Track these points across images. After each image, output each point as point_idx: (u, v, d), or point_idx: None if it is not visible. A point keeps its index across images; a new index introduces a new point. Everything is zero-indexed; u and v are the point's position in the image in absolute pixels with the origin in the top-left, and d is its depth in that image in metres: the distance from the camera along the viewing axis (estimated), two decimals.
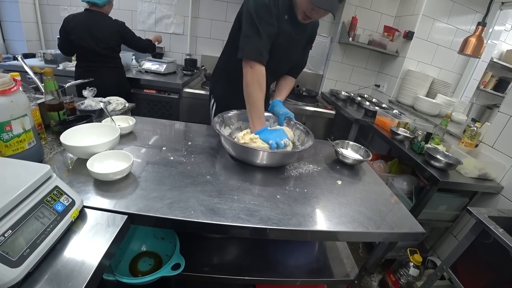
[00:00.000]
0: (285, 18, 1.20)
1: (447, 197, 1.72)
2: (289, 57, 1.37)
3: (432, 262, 1.93)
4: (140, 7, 3.00)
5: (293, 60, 1.41)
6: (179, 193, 0.82)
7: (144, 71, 2.67)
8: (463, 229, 1.81)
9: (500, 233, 1.12)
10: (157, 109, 2.59)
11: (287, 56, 1.34)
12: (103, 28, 2.01)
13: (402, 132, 1.94)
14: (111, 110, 1.49)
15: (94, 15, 2.00)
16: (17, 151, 0.78)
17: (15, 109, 0.74)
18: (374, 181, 1.17)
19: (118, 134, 0.96)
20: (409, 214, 0.95)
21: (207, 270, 1.04)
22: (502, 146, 1.66)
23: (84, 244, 0.60)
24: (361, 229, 0.83)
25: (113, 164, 0.88)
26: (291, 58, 1.38)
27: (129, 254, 1.04)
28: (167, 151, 1.07)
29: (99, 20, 2.01)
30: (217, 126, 1.13)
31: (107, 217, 0.68)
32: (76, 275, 0.53)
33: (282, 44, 1.26)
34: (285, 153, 1.08)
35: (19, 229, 0.52)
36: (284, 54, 1.31)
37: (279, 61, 1.32)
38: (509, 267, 1.15)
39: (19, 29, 2.77)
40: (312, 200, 0.92)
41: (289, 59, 1.38)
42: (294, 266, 1.14)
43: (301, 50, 1.42)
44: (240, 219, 0.75)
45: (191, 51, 3.21)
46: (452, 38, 2.67)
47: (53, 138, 1.08)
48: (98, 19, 2.01)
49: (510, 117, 1.62)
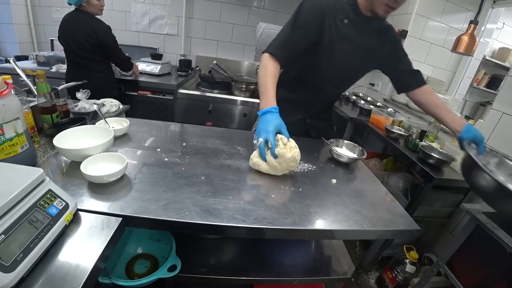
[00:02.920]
0: (344, 22, 1.17)
1: (442, 194, 1.73)
2: (353, 64, 1.30)
3: (429, 259, 1.95)
4: (134, 8, 2.99)
5: (359, 67, 1.34)
6: (174, 194, 0.81)
7: (138, 72, 2.66)
8: (458, 225, 1.83)
9: (494, 229, 1.14)
10: (152, 110, 2.58)
11: (349, 62, 1.28)
12: (81, 28, 1.96)
13: (397, 130, 1.95)
14: (105, 112, 1.48)
15: (78, 14, 1.96)
16: (9, 155, 0.78)
17: (6, 113, 0.73)
18: (369, 179, 1.17)
19: (112, 136, 0.95)
20: (404, 212, 0.96)
21: (204, 271, 1.03)
22: (495, 142, 1.67)
23: (78, 248, 0.60)
24: (356, 227, 0.83)
25: (107, 167, 0.87)
26: (356, 64, 1.31)
27: (125, 257, 1.03)
28: (162, 153, 1.07)
29: (81, 20, 1.96)
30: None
31: (101, 220, 0.68)
32: (71, 279, 0.52)
33: (343, 50, 1.22)
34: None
35: (12, 234, 0.51)
36: (345, 59, 1.26)
37: (341, 66, 1.28)
38: (504, 261, 1.16)
39: (11, 31, 2.74)
40: (307, 199, 0.92)
41: (352, 65, 1.30)
42: (291, 265, 1.14)
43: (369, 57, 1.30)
44: (235, 219, 0.75)
45: (186, 52, 3.20)
46: (445, 37, 2.69)
47: (46, 141, 1.07)
48: (80, 19, 1.96)
49: (503, 114, 1.64)
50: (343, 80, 1.38)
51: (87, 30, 1.95)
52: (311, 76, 1.33)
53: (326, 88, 1.36)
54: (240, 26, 3.12)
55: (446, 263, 1.37)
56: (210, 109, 2.55)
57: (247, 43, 3.20)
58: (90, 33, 1.96)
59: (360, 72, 1.40)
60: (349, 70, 1.33)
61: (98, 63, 2.12)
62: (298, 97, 1.36)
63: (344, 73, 1.33)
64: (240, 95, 2.58)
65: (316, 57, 1.25)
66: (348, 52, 1.24)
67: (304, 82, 1.36)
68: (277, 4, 3.05)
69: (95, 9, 2.00)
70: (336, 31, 1.18)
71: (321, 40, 1.19)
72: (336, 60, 1.25)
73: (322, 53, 1.23)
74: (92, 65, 2.10)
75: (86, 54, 2.04)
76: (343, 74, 1.33)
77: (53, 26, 2.93)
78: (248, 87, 2.57)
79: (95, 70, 2.10)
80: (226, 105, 2.57)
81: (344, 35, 1.19)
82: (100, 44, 2.03)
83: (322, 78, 1.32)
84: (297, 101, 1.35)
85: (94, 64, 2.10)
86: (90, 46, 2.01)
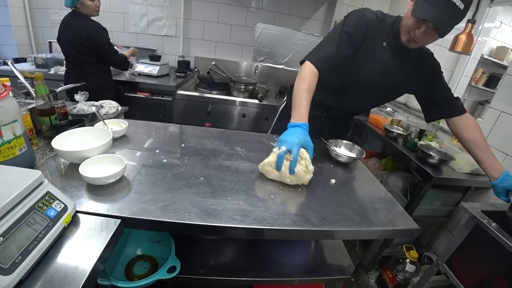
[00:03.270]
0: (383, 45, 1.18)
1: (441, 193, 1.74)
2: (380, 86, 1.28)
3: (428, 258, 1.95)
4: (132, 9, 2.99)
5: (386, 90, 1.32)
6: (172, 196, 0.81)
7: (137, 73, 2.66)
8: (457, 224, 1.84)
9: (493, 227, 1.14)
10: (151, 111, 2.58)
11: (377, 83, 1.27)
12: (74, 30, 1.95)
13: (396, 129, 1.96)
14: (104, 114, 1.48)
15: (73, 16, 1.96)
16: (8, 157, 0.77)
17: (4, 115, 0.73)
18: (368, 178, 1.18)
19: (110, 137, 0.95)
20: (403, 211, 0.96)
21: (204, 272, 1.03)
22: (493, 141, 1.68)
23: (77, 250, 0.60)
24: (355, 227, 0.83)
25: (106, 168, 0.87)
26: (383, 87, 1.29)
27: (124, 258, 1.03)
28: (161, 154, 1.07)
29: (75, 22, 1.95)
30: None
31: (100, 222, 0.68)
32: (70, 281, 0.52)
33: (375, 69, 1.22)
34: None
35: (11, 236, 0.51)
36: (373, 79, 1.25)
37: (367, 85, 1.28)
38: (503, 260, 1.16)
39: (9, 33, 2.73)
40: (306, 199, 0.92)
41: (379, 87, 1.29)
42: (291, 265, 1.14)
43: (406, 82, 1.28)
44: (234, 220, 0.75)
45: (184, 53, 3.20)
46: None
47: (45, 143, 1.07)
48: (75, 21, 1.95)
49: (501, 112, 1.65)
50: (367, 98, 1.37)
51: (80, 32, 1.94)
52: (337, 83, 1.33)
53: (348, 99, 1.36)
54: (238, 27, 3.12)
55: (445, 262, 1.38)
56: (209, 110, 2.55)
57: (245, 44, 3.20)
58: (83, 35, 1.94)
59: (388, 95, 1.39)
60: (376, 90, 1.31)
61: (93, 65, 2.10)
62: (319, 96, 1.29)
63: (369, 92, 1.32)
64: (239, 96, 2.58)
65: (348, 69, 1.24)
66: (378, 74, 1.23)
67: (330, 86, 1.34)
68: (275, 5, 3.05)
69: (89, 10, 1.98)
70: (372, 51, 1.18)
71: (357, 55, 1.19)
72: (363, 78, 1.25)
73: (353, 67, 1.23)
74: (87, 67, 2.08)
75: (80, 56, 2.02)
76: (368, 92, 1.32)
77: (51, 28, 2.93)
78: (246, 87, 2.57)
79: (89, 72, 2.08)
80: (225, 106, 2.57)
81: (379, 57, 1.19)
82: (93, 46, 2.01)
83: (347, 90, 1.33)
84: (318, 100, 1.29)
85: (88, 66, 2.08)
86: (83, 48, 2.00)
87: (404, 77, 1.26)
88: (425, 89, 1.29)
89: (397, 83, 1.28)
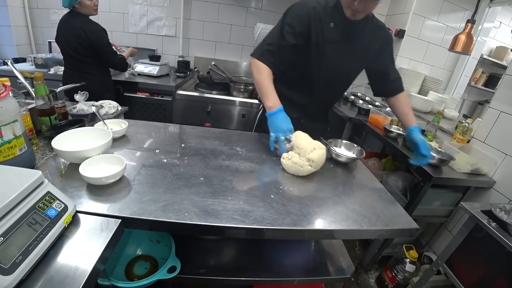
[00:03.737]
0: (330, 26, 1.19)
1: (440, 193, 1.74)
2: (341, 67, 1.30)
3: (428, 258, 1.95)
4: (132, 9, 2.99)
5: (347, 69, 1.34)
6: (173, 196, 0.81)
7: (137, 73, 2.66)
8: (457, 224, 1.84)
9: (492, 227, 1.14)
10: (151, 111, 2.58)
11: (337, 66, 1.29)
12: (73, 31, 1.93)
13: (395, 129, 1.95)
14: (104, 114, 1.48)
15: (71, 16, 1.94)
16: (8, 157, 0.77)
17: (4, 115, 0.73)
18: (368, 178, 1.18)
19: (110, 138, 0.95)
20: (403, 211, 0.96)
21: (204, 272, 1.03)
22: (493, 141, 1.68)
23: (77, 250, 0.60)
24: (355, 227, 0.83)
25: (106, 168, 0.87)
26: (344, 67, 1.31)
27: (124, 258, 1.03)
28: (161, 154, 1.07)
29: (74, 22, 1.93)
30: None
31: (100, 222, 0.68)
32: (70, 281, 0.52)
33: (331, 52, 1.24)
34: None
35: (11, 236, 0.51)
36: (333, 62, 1.27)
37: (329, 69, 1.29)
38: (503, 260, 1.16)
39: (9, 33, 2.73)
40: (306, 199, 0.92)
41: (340, 68, 1.30)
42: (291, 265, 1.14)
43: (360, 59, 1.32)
44: (234, 220, 0.75)
45: (184, 53, 3.20)
46: (442, 36, 2.70)
47: (44, 143, 1.07)
48: (73, 21, 1.93)
49: (501, 112, 1.65)
50: (334, 83, 1.38)
51: (78, 32, 1.92)
52: (302, 78, 1.36)
53: (318, 91, 1.38)
54: (238, 27, 3.13)
55: (445, 261, 1.38)
56: (208, 110, 2.55)
57: (245, 44, 3.20)
58: (81, 35, 1.93)
59: (351, 74, 1.39)
60: (339, 72, 1.33)
61: (91, 66, 2.08)
62: (292, 98, 1.38)
63: (333, 77, 1.34)
64: (239, 96, 2.58)
65: (306, 61, 1.27)
66: (336, 56, 1.26)
67: (297, 84, 1.39)
68: (275, 5, 3.05)
69: (88, 9, 1.96)
70: (323, 36, 1.20)
71: (309, 44, 1.22)
72: (324, 64, 1.27)
73: (311, 57, 1.25)
74: (85, 68, 2.06)
75: (79, 57, 2.01)
76: (332, 78, 1.34)
77: (51, 28, 2.92)
78: (246, 87, 2.57)
79: (87, 73, 2.06)
80: (224, 106, 2.57)
81: (331, 39, 1.21)
82: (92, 47, 1.99)
83: (313, 81, 1.34)
84: (291, 101, 1.36)
85: (87, 66, 2.06)
86: (82, 49, 1.98)
87: (360, 52, 1.28)
88: (377, 62, 1.33)
89: (356, 59, 1.31)
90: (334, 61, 1.27)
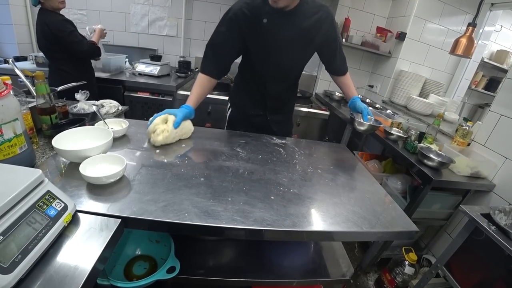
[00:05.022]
0: (264, 22, 1.20)
1: (440, 196, 1.74)
2: (286, 58, 1.32)
3: (427, 260, 1.95)
4: (133, 9, 2.99)
5: (293, 59, 1.35)
6: (173, 196, 0.81)
7: (137, 73, 2.66)
8: (457, 227, 1.83)
9: (492, 230, 1.14)
10: (151, 111, 2.57)
11: (282, 58, 1.31)
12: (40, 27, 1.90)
13: (396, 132, 1.95)
14: (104, 113, 1.48)
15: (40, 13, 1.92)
16: (8, 156, 0.77)
17: (5, 114, 0.73)
18: (368, 180, 1.18)
19: (111, 137, 0.95)
20: (402, 213, 0.96)
21: (203, 273, 1.03)
22: (493, 144, 1.68)
23: (77, 249, 0.60)
24: (355, 229, 0.83)
25: (106, 168, 0.87)
26: (290, 58, 1.33)
27: (123, 258, 1.03)
28: (161, 154, 1.07)
29: (42, 18, 1.90)
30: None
31: (100, 221, 0.68)
32: (69, 280, 0.52)
33: (268, 47, 1.27)
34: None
35: (11, 235, 0.51)
36: (276, 56, 1.30)
37: (275, 64, 1.33)
38: (502, 263, 1.16)
39: (10, 31, 2.73)
40: (306, 200, 0.92)
41: (286, 60, 1.33)
42: (290, 267, 1.14)
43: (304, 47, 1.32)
44: (234, 221, 0.75)
45: (185, 53, 3.20)
46: (443, 39, 2.71)
47: (45, 142, 1.07)
48: (42, 17, 1.91)
49: (501, 116, 1.65)
50: (284, 75, 1.42)
51: (43, 28, 1.89)
52: (254, 75, 1.43)
53: (271, 86, 1.42)
54: None
55: (444, 264, 1.38)
56: (209, 110, 2.55)
57: None
58: (45, 29, 1.88)
59: (300, 62, 1.41)
60: (286, 64, 1.36)
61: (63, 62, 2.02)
62: (252, 95, 1.49)
63: (282, 68, 1.37)
64: None
65: (251, 58, 1.34)
66: (278, 49, 1.27)
67: (250, 81, 1.46)
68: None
69: (53, 3, 1.90)
70: (258, 34, 1.23)
71: (248, 44, 1.28)
72: (267, 57, 1.31)
73: (254, 54, 1.32)
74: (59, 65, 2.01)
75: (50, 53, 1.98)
76: (282, 69, 1.37)
77: None
78: None
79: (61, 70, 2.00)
80: (225, 107, 2.55)
81: (267, 34, 1.23)
82: (56, 39, 1.91)
83: (262, 76, 1.39)
84: (252, 99, 1.49)
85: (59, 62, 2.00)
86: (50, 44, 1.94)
87: (303, 39, 1.28)
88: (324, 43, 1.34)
89: (300, 47, 1.31)
90: (278, 55, 1.29)
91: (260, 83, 1.42)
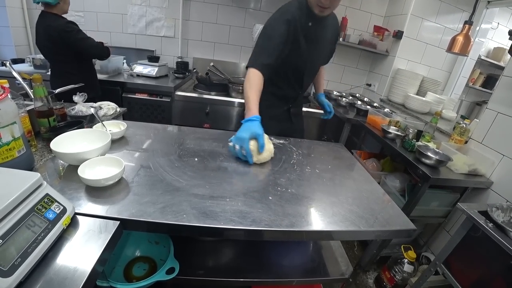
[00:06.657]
0: (309, 25, 1.35)
1: (438, 194, 1.74)
2: (321, 55, 1.56)
3: (426, 258, 1.96)
4: (131, 10, 2.98)
5: (325, 55, 1.62)
6: (171, 197, 0.82)
7: (135, 74, 2.65)
8: (455, 225, 1.84)
9: (490, 228, 1.15)
10: (149, 113, 2.57)
11: (319, 55, 1.53)
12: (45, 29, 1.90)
13: (394, 130, 1.96)
14: (102, 115, 1.48)
15: (44, 16, 1.91)
16: (6, 159, 0.78)
17: (3, 117, 0.73)
18: (366, 179, 1.18)
19: (109, 139, 0.95)
20: (400, 211, 0.97)
21: (202, 273, 1.04)
22: (490, 142, 1.69)
23: (76, 252, 0.60)
24: (353, 228, 0.84)
25: (104, 170, 0.87)
26: (323, 54, 1.58)
27: (123, 260, 1.03)
28: (160, 155, 1.07)
29: (45, 21, 1.90)
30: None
31: (99, 224, 0.68)
32: (69, 282, 0.53)
33: (314, 48, 1.43)
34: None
35: (10, 238, 0.51)
36: (316, 55, 1.50)
37: (314, 62, 1.53)
38: (500, 260, 1.17)
39: (7, 34, 2.72)
40: (304, 200, 0.93)
41: (321, 56, 1.58)
42: (289, 266, 1.15)
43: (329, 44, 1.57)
44: (232, 222, 0.76)
45: (183, 53, 3.20)
46: (440, 37, 2.71)
47: (43, 145, 1.07)
48: (45, 20, 1.90)
49: (498, 113, 1.66)
50: (317, 67, 1.66)
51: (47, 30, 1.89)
52: (294, 73, 1.51)
53: (306, 81, 1.59)
54: (236, 28, 3.13)
55: (443, 262, 1.38)
56: (207, 111, 2.55)
57: (244, 45, 3.20)
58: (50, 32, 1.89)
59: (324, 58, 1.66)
60: (319, 62, 1.63)
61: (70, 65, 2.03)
62: (284, 92, 1.58)
63: (316, 66, 1.62)
64: (238, 97, 2.58)
65: (297, 57, 1.42)
66: (317, 49, 1.46)
67: (289, 78, 1.53)
68: (273, 6, 3.04)
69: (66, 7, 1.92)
70: (306, 34, 1.37)
71: (297, 44, 1.37)
72: (311, 56, 1.46)
73: (301, 53, 1.41)
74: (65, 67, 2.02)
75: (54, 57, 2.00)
76: (316, 66, 1.62)
77: None
78: None
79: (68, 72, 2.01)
80: (223, 107, 2.57)
81: (311, 35, 1.39)
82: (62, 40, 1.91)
83: (303, 73, 1.52)
84: (283, 95, 1.59)
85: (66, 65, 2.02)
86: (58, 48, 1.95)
87: (328, 41, 1.54)
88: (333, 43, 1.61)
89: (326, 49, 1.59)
90: (316, 54, 1.49)
91: (297, 79, 1.54)
